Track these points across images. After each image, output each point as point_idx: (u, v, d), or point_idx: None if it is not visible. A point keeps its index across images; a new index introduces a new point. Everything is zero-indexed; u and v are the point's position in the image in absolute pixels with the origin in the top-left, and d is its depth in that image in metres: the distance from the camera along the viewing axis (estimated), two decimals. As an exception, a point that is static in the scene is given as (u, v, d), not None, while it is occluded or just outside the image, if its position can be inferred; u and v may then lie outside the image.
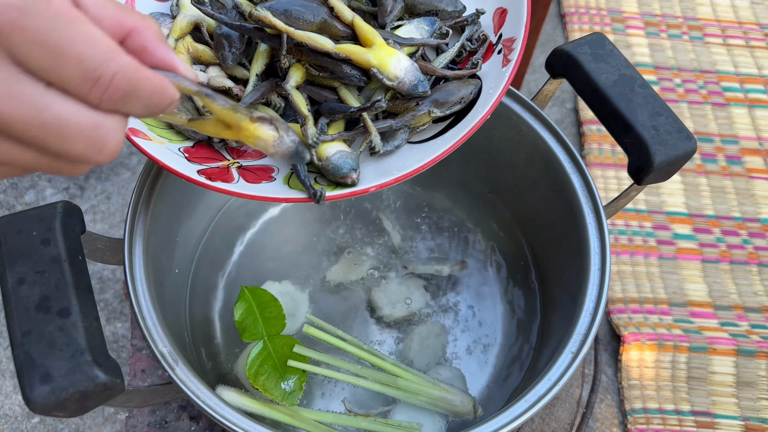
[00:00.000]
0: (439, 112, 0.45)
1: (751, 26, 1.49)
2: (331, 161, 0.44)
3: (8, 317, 0.42)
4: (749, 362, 1.07)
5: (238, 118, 0.33)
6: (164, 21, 0.50)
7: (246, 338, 0.58)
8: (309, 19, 0.44)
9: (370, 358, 0.59)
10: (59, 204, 0.46)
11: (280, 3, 0.44)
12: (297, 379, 0.57)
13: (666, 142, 0.51)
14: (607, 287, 0.51)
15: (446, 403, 0.59)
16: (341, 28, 0.45)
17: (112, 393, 0.41)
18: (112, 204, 1.30)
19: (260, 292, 0.61)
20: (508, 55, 0.48)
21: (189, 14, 0.49)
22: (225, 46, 0.47)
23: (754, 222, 1.22)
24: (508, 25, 0.50)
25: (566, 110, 1.38)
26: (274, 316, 0.60)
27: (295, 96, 0.44)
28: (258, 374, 0.56)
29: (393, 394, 0.59)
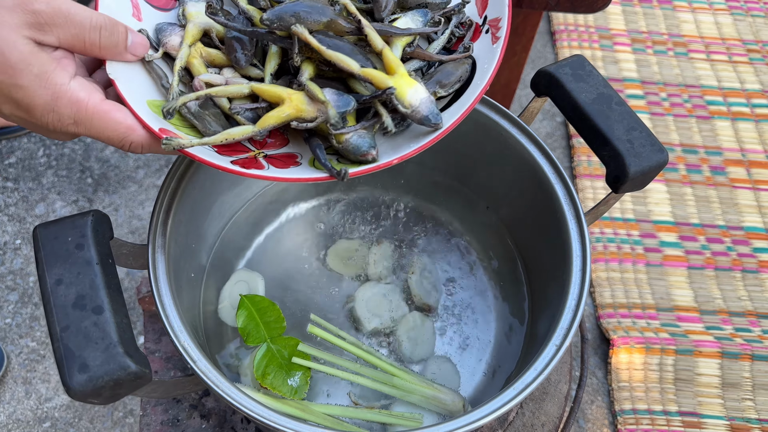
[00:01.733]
0: (443, 91, 0.50)
1: (734, 42, 1.55)
2: (350, 142, 0.47)
3: (48, 314, 0.46)
4: (733, 364, 1.11)
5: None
6: (174, 30, 0.52)
7: (250, 342, 0.63)
8: (317, 19, 0.47)
9: (368, 357, 0.64)
10: (91, 213, 0.50)
11: (288, 6, 0.47)
12: (302, 375, 0.61)
13: (640, 154, 0.56)
14: (588, 287, 0.56)
15: (438, 402, 0.63)
16: (346, 25, 0.48)
17: (142, 382, 0.45)
18: (120, 216, 1.34)
19: (258, 299, 0.65)
20: (496, 33, 0.53)
21: (198, 22, 0.52)
22: (237, 49, 0.50)
23: (738, 230, 1.27)
24: (491, 7, 0.55)
25: (556, 124, 1.43)
26: (274, 319, 0.64)
27: (311, 86, 0.47)
28: (265, 374, 0.60)
29: (389, 392, 0.63)
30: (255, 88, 0.48)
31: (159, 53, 0.51)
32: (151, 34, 0.52)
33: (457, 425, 0.49)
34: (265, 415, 0.49)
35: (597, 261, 1.23)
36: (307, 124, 0.48)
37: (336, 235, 0.78)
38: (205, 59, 0.52)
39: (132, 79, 0.49)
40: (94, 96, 0.45)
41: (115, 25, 0.46)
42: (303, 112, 0.47)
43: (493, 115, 0.65)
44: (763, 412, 1.08)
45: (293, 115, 0.48)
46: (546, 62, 1.52)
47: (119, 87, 0.47)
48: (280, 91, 0.48)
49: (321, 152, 0.48)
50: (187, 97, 0.48)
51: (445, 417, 0.64)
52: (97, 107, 0.45)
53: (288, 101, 0.47)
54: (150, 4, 0.53)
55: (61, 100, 0.44)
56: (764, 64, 1.51)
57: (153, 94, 0.50)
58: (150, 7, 0.53)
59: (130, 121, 0.46)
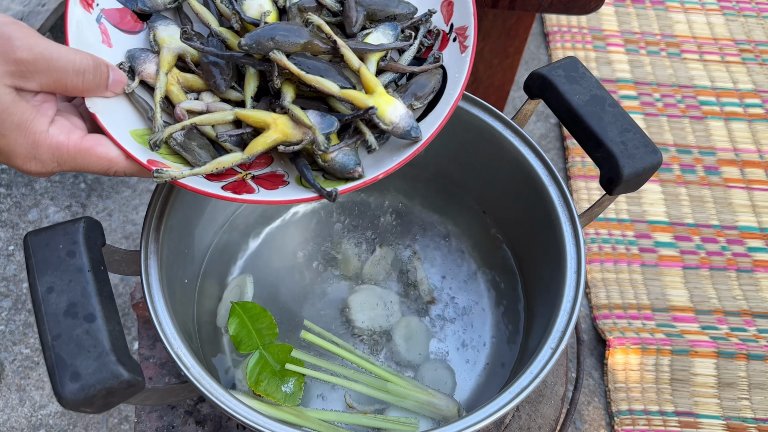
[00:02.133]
0: (419, 103, 0.51)
1: (726, 42, 1.55)
2: (336, 161, 0.48)
3: (39, 322, 0.46)
4: (729, 364, 1.11)
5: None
6: (147, 57, 0.52)
7: (242, 350, 0.62)
8: (295, 41, 0.48)
9: (362, 363, 0.64)
10: (82, 219, 0.50)
11: (265, 30, 0.48)
12: (296, 381, 0.61)
13: (634, 156, 0.56)
14: (583, 289, 0.56)
15: (432, 407, 0.63)
16: (323, 46, 0.49)
17: (135, 390, 0.45)
18: (114, 221, 1.34)
19: (250, 306, 0.65)
20: (463, 42, 0.54)
21: (171, 48, 0.51)
22: (215, 74, 0.51)
23: (732, 229, 1.28)
24: (456, 15, 0.56)
25: (550, 125, 1.43)
26: (266, 326, 0.64)
27: (295, 110, 0.48)
28: (258, 381, 0.60)
29: (383, 397, 0.63)
30: (239, 114, 0.49)
31: (135, 83, 0.50)
32: (123, 59, 0.52)
33: (454, 430, 0.49)
34: (260, 422, 0.49)
35: (592, 262, 1.23)
36: (293, 147, 0.48)
37: (331, 239, 0.78)
38: (182, 85, 0.51)
39: (113, 111, 0.49)
40: (73, 135, 0.46)
41: (98, 66, 0.46)
42: (289, 136, 0.48)
43: (487, 118, 0.65)
44: (759, 412, 1.09)
45: (280, 140, 0.48)
46: (539, 64, 1.52)
47: (101, 121, 0.47)
48: (265, 116, 0.48)
49: (309, 173, 0.49)
50: (173, 128, 0.47)
51: (440, 422, 0.63)
52: (78, 146, 0.46)
53: (273, 126, 0.48)
54: (118, 28, 0.53)
55: (41, 148, 0.45)
56: (757, 63, 1.52)
57: (135, 124, 0.50)
58: (118, 31, 0.53)
59: (113, 153, 0.47)
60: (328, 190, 0.47)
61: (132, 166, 0.47)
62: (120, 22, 0.53)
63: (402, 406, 0.63)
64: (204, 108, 0.50)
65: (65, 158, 0.45)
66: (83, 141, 0.46)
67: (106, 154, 0.46)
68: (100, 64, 0.46)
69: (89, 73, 0.46)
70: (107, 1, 0.52)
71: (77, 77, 0.45)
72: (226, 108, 0.50)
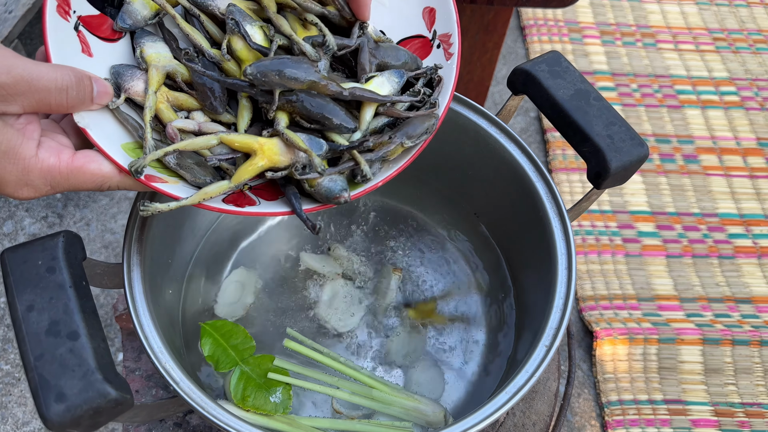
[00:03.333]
0: (410, 142, 0.50)
1: (700, 31, 1.57)
2: (322, 186, 0.48)
3: (20, 342, 0.44)
4: (715, 350, 1.12)
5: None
6: (134, 74, 0.50)
7: (221, 369, 0.60)
8: (302, 79, 0.47)
9: (346, 370, 0.63)
10: (61, 234, 0.48)
11: (273, 63, 0.46)
12: (283, 390, 0.60)
13: (620, 149, 0.56)
14: (575, 285, 0.55)
15: (419, 413, 0.62)
16: (330, 88, 0.48)
17: (123, 408, 0.44)
18: (92, 230, 1.31)
19: (220, 324, 0.63)
20: (448, 49, 0.54)
21: (160, 66, 0.50)
22: (211, 96, 0.49)
23: (713, 217, 1.29)
24: (439, 21, 0.55)
25: (530, 119, 1.44)
26: (241, 341, 0.62)
27: (290, 135, 0.47)
28: (245, 397, 0.58)
29: (368, 404, 0.62)
30: (224, 139, 0.47)
31: (121, 99, 0.49)
32: (106, 75, 0.50)
33: (451, 433, 0.48)
34: (253, 434, 0.48)
35: (576, 254, 1.23)
36: (281, 172, 0.47)
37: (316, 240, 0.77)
38: (171, 103, 0.50)
39: (103, 126, 0.47)
40: (63, 156, 0.44)
41: (81, 80, 0.45)
42: (277, 162, 0.47)
43: (471, 115, 0.64)
44: (746, 396, 1.10)
45: (266, 166, 0.47)
46: (517, 58, 1.53)
47: (92, 136, 0.46)
48: (251, 141, 0.47)
49: (297, 203, 0.48)
50: (154, 154, 0.46)
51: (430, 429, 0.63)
52: (70, 166, 0.44)
53: (260, 152, 0.47)
54: (97, 36, 0.51)
55: (33, 173, 0.43)
56: (730, 52, 1.53)
57: (126, 137, 0.49)
58: (98, 39, 0.51)
59: (106, 169, 0.45)
60: (312, 222, 0.47)
61: (125, 179, 0.46)
62: (99, 30, 0.51)
63: (388, 412, 0.62)
64: (196, 128, 0.49)
65: (58, 180, 0.44)
66: (74, 160, 0.45)
67: (99, 170, 0.45)
68: (82, 77, 0.45)
69: (72, 90, 0.44)
70: (84, 7, 0.50)
71: (61, 95, 0.44)
72: (219, 129, 0.49)
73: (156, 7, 0.52)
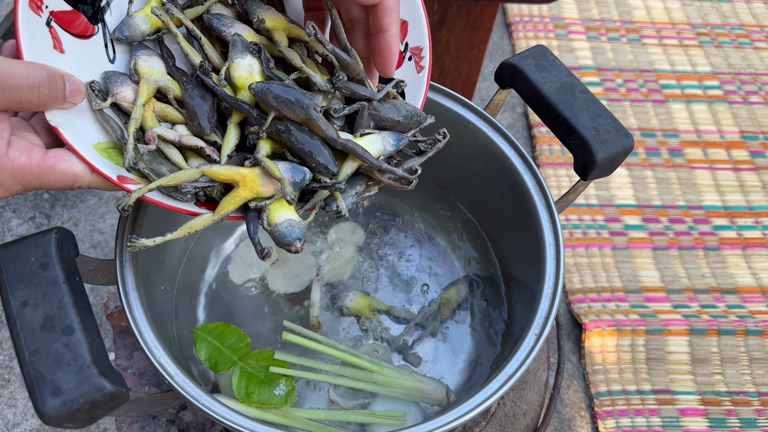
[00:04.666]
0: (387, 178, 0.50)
1: (684, 26, 1.58)
2: (278, 228, 0.47)
3: (15, 338, 0.44)
4: (701, 340, 1.14)
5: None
6: (125, 81, 0.50)
7: (221, 371, 0.61)
8: (298, 113, 0.47)
9: (346, 357, 0.63)
10: (54, 230, 0.48)
11: (279, 88, 0.46)
12: (286, 381, 0.60)
13: (606, 141, 0.57)
14: (563, 274, 0.56)
15: (421, 393, 0.63)
16: (324, 130, 0.47)
17: (119, 402, 0.44)
18: (80, 230, 1.30)
19: (212, 327, 0.64)
20: (419, 62, 0.55)
21: (152, 80, 0.49)
22: (200, 116, 0.49)
23: (698, 209, 1.31)
24: (411, 34, 0.56)
25: (517, 115, 1.45)
26: (236, 340, 0.63)
27: (268, 163, 0.46)
28: (249, 394, 0.59)
29: (371, 389, 0.63)
30: (206, 171, 0.47)
31: (107, 102, 0.48)
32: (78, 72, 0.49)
33: (443, 422, 0.49)
34: (248, 425, 0.48)
35: (564, 248, 1.24)
36: (265, 202, 0.47)
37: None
38: (157, 114, 0.50)
39: (75, 124, 0.47)
40: (34, 155, 0.44)
41: (53, 78, 0.44)
42: (260, 192, 0.47)
43: (459, 109, 0.65)
44: (733, 385, 1.11)
45: (249, 197, 0.47)
46: (503, 54, 1.54)
47: (65, 135, 0.46)
48: (233, 173, 0.47)
49: (254, 227, 0.48)
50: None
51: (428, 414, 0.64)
52: (40, 165, 0.44)
53: (243, 183, 0.47)
54: (69, 32, 0.50)
55: (3, 172, 0.43)
56: (713, 46, 1.55)
57: (99, 137, 0.48)
58: (70, 36, 0.50)
59: (77, 168, 0.45)
60: (262, 246, 0.46)
61: (97, 179, 0.46)
62: (71, 26, 0.50)
63: (391, 395, 0.63)
64: (177, 139, 0.48)
65: (29, 179, 0.44)
66: (45, 159, 0.44)
67: (70, 169, 0.45)
68: (54, 76, 0.45)
69: (44, 88, 0.44)
70: (56, 3, 0.49)
71: (32, 93, 0.43)
72: (199, 143, 0.49)
73: (157, 24, 0.52)
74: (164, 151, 0.48)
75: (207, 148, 0.49)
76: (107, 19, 0.53)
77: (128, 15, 0.52)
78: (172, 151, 0.48)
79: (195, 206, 0.48)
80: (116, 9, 0.53)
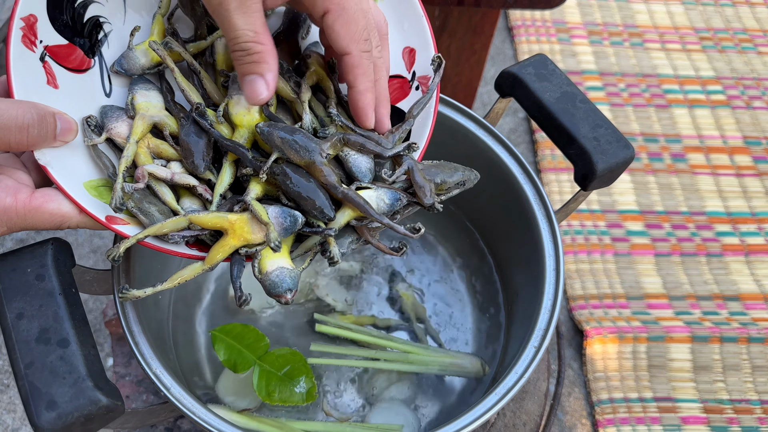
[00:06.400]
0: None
1: (687, 31, 1.58)
2: (269, 277, 0.45)
3: (10, 351, 0.44)
4: (703, 347, 1.13)
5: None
6: (121, 116, 0.49)
7: (240, 371, 0.61)
8: (302, 156, 0.45)
9: (381, 342, 0.65)
10: (50, 241, 0.48)
11: (286, 129, 0.46)
12: (306, 379, 0.60)
13: (606, 151, 0.56)
14: (563, 286, 0.56)
15: (457, 368, 0.65)
16: (326, 177, 0.46)
17: (114, 415, 0.44)
18: (80, 235, 1.30)
19: (229, 328, 0.63)
20: (427, 92, 0.52)
21: (148, 116, 0.48)
22: (195, 154, 0.47)
23: (701, 215, 1.30)
24: (418, 63, 0.54)
25: (519, 119, 1.44)
26: (254, 339, 0.63)
27: (255, 206, 0.45)
28: (270, 393, 0.59)
29: (408, 369, 0.64)
30: (194, 219, 0.45)
31: (101, 138, 0.48)
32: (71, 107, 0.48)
33: (441, 435, 0.49)
34: (245, 439, 0.48)
35: (566, 253, 1.24)
36: (256, 248, 0.46)
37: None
38: (152, 150, 0.48)
39: (65, 163, 0.46)
40: (21, 195, 0.43)
41: (43, 117, 0.43)
42: (249, 240, 0.45)
43: (459, 118, 0.65)
44: (735, 393, 1.11)
45: (239, 245, 0.45)
46: (505, 59, 1.53)
47: (53, 174, 0.44)
48: (221, 220, 0.45)
49: (237, 271, 0.46)
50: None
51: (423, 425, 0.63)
52: (27, 206, 0.43)
53: (231, 231, 0.45)
54: (64, 67, 0.49)
55: None
56: (717, 51, 1.54)
57: (90, 174, 0.47)
58: (65, 70, 0.49)
59: (66, 209, 0.44)
60: (241, 293, 0.45)
61: (85, 219, 0.45)
62: (66, 60, 0.49)
63: (427, 372, 0.65)
64: (169, 177, 0.47)
65: (14, 221, 0.43)
66: (32, 200, 0.43)
67: (58, 210, 0.44)
68: (45, 115, 0.43)
69: (34, 128, 0.43)
70: (51, 37, 0.48)
71: (21, 134, 0.42)
72: (192, 181, 0.48)
73: (157, 58, 0.51)
74: (155, 190, 0.47)
75: (199, 187, 0.48)
76: (105, 52, 0.51)
77: (129, 48, 0.51)
78: (163, 190, 0.47)
79: (186, 248, 0.47)
80: (114, 41, 0.52)
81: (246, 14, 0.42)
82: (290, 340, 0.69)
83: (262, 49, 0.43)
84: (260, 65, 0.44)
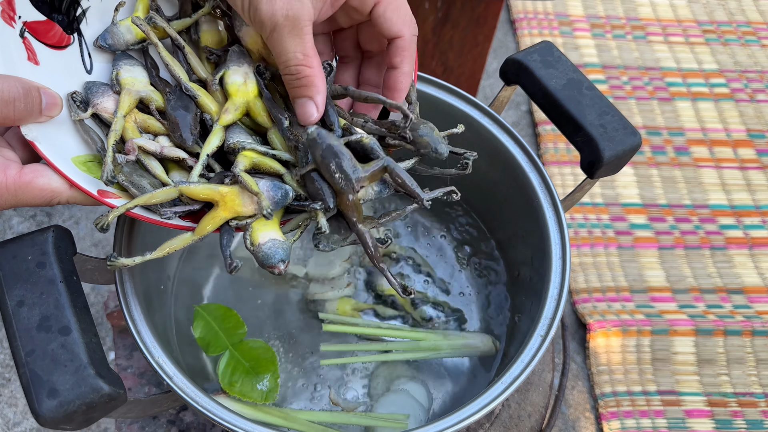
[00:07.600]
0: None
1: (690, 23, 1.57)
2: (262, 249, 0.45)
3: (11, 339, 0.44)
4: (707, 341, 1.13)
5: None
6: (106, 91, 0.49)
7: (211, 352, 0.60)
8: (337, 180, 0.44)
9: (390, 333, 0.65)
10: (51, 228, 0.48)
11: (338, 148, 0.44)
12: (271, 377, 0.59)
13: (613, 138, 0.56)
14: (569, 274, 0.55)
15: (470, 348, 0.65)
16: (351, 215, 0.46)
17: (116, 403, 0.43)
18: (81, 228, 1.30)
19: (214, 308, 0.63)
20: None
21: (134, 90, 0.48)
22: (182, 127, 0.47)
23: (704, 208, 1.29)
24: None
25: (521, 113, 1.44)
26: (233, 325, 0.62)
27: (245, 177, 0.45)
28: (232, 383, 0.58)
29: (421, 356, 0.64)
30: (184, 190, 0.45)
31: (88, 113, 0.47)
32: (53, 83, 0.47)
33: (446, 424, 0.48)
34: (248, 427, 0.47)
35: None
36: (247, 221, 0.45)
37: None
38: (139, 125, 0.49)
39: (53, 138, 0.46)
40: (10, 171, 0.43)
41: (29, 91, 0.43)
42: (240, 212, 0.45)
43: (463, 106, 0.64)
44: (739, 386, 1.10)
45: (229, 216, 0.45)
46: (508, 51, 1.52)
47: (41, 149, 0.44)
48: (212, 192, 0.45)
49: (227, 240, 0.46)
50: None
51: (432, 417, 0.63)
52: (17, 182, 0.43)
53: (222, 202, 0.45)
54: (44, 43, 0.49)
55: None
56: (720, 44, 1.54)
57: (77, 149, 0.47)
58: (44, 47, 0.49)
59: (55, 184, 0.44)
60: (232, 260, 0.45)
61: (76, 194, 0.45)
62: (45, 36, 0.49)
63: (440, 357, 0.65)
64: (158, 150, 0.47)
65: (5, 197, 0.43)
66: (22, 176, 0.43)
67: (48, 185, 0.44)
68: (30, 89, 0.43)
69: (20, 102, 0.43)
70: (29, 13, 0.48)
71: (7, 108, 0.42)
72: (181, 154, 0.48)
73: (141, 35, 0.51)
74: (145, 163, 0.47)
75: (189, 160, 0.48)
76: (84, 29, 0.51)
77: (113, 23, 0.51)
78: (152, 163, 0.47)
79: (179, 219, 0.47)
80: (93, 19, 0.52)
81: (297, 36, 0.44)
82: (298, 337, 0.69)
83: (310, 72, 0.45)
84: (309, 89, 0.46)
